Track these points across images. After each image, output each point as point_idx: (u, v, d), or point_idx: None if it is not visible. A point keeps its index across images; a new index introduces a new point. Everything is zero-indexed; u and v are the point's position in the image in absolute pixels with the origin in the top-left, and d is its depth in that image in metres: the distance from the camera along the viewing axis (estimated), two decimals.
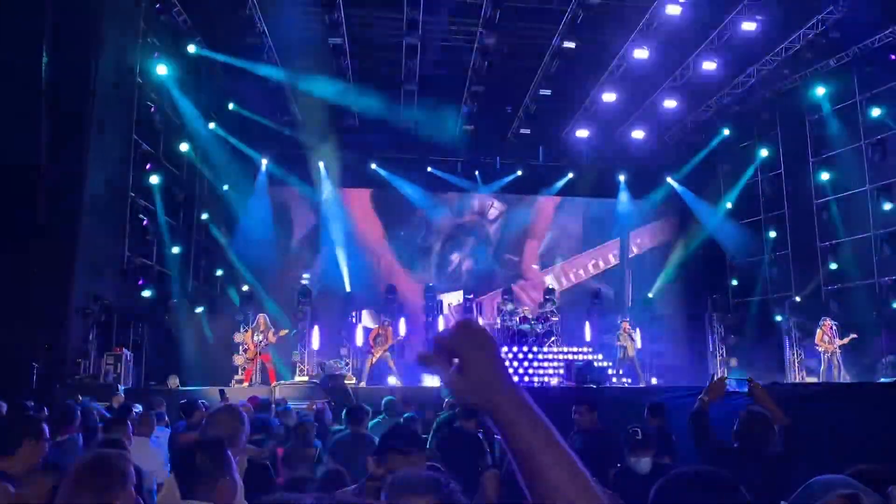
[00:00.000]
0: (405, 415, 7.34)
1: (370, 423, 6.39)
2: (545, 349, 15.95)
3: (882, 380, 14.01)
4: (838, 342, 15.03)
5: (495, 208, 21.93)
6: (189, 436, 6.27)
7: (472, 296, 20.02)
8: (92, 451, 2.66)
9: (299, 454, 5.00)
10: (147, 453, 5.28)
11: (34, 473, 3.04)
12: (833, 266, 17.77)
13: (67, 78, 11.28)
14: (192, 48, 15.62)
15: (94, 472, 2.43)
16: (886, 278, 16.39)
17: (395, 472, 1.33)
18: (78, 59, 11.50)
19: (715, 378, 4.41)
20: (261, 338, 14.96)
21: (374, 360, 15.43)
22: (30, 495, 2.85)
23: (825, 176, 18.07)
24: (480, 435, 5.93)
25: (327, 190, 20.40)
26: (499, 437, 1.07)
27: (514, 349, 15.59)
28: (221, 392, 11.26)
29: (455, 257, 21.54)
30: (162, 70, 14.85)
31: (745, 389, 4.23)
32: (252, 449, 8.12)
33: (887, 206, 16.37)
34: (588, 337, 18.89)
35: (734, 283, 20.95)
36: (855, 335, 15.15)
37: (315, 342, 17.31)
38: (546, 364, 15.48)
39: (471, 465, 5.01)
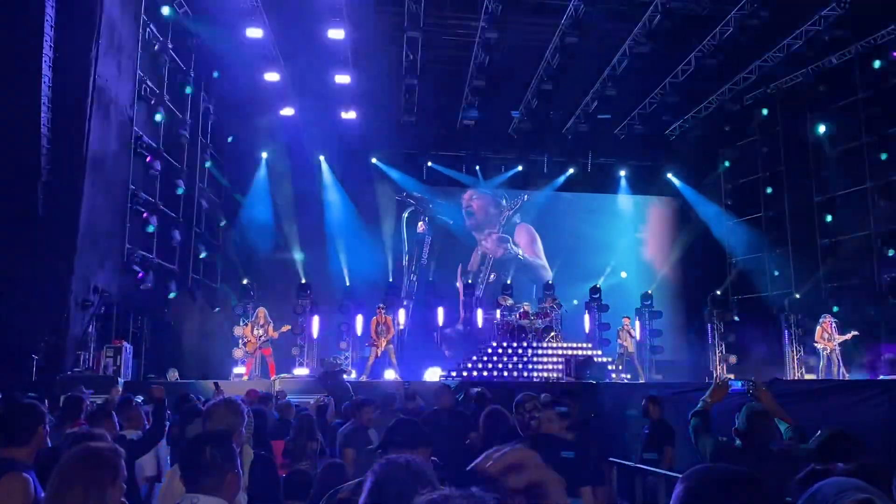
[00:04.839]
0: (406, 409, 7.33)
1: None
2: (544, 344, 15.94)
3: (881, 377, 14.02)
4: (838, 339, 15.04)
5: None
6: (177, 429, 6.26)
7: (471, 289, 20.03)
8: (84, 444, 2.65)
9: (302, 447, 5.00)
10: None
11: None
12: (833, 263, 17.78)
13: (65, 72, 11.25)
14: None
15: (84, 466, 2.43)
16: (886, 276, 16.39)
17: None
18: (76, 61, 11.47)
19: (718, 380, 4.42)
20: (261, 332, 14.97)
21: (379, 352, 15.35)
22: None
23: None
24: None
25: (328, 184, 20.40)
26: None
27: (514, 344, 15.58)
28: (216, 385, 11.23)
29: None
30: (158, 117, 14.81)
31: (748, 392, 4.23)
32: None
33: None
34: (587, 328, 18.98)
35: (734, 279, 20.95)
36: (856, 332, 15.15)
37: (315, 336, 17.31)
38: (545, 359, 15.47)
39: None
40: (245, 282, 18.17)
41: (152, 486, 5.33)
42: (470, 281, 20.58)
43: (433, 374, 15.71)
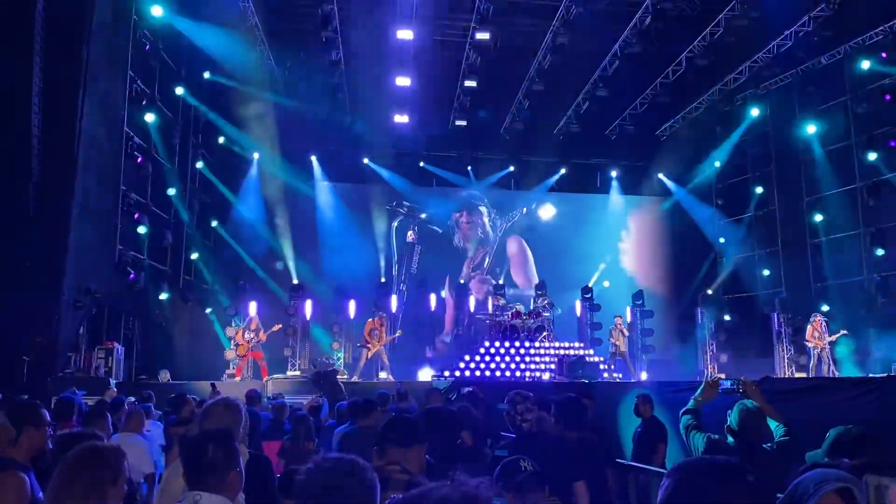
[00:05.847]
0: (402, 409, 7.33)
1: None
2: (537, 344, 15.96)
3: (871, 375, 14.11)
4: (828, 338, 15.14)
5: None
6: (179, 429, 6.25)
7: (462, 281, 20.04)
8: (85, 444, 2.64)
9: (299, 448, 5.01)
10: (131, 446, 5.26)
11: None
12: (822, 263, 17.89)
13: (59, 68, 11.20)
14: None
15: (87, 466, 2.42)
16: (876, 275, 16.51)
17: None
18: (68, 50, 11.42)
19: (709, 379, 4.44)
20: (252, 335, 14.99)
21: (370, 354, 15.39)
22: None
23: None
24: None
25: (320, 184, 20.37)
26: None
27: (507, 344, 15.59)
28: (213, 385, 11.24)
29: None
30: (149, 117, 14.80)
31: (737, 389, 4.25)
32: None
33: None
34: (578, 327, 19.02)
35: (725, 279, 21.04)
36: (845, 331, 15.25)
37: (307, 336, 17.27)
38: (538, 359, 15.49)
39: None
40: (237, 282, 18.12)
41: (151, 484, 5.32)
42: (462, 281, 20.59)
43: (426, 374, 15.73)
